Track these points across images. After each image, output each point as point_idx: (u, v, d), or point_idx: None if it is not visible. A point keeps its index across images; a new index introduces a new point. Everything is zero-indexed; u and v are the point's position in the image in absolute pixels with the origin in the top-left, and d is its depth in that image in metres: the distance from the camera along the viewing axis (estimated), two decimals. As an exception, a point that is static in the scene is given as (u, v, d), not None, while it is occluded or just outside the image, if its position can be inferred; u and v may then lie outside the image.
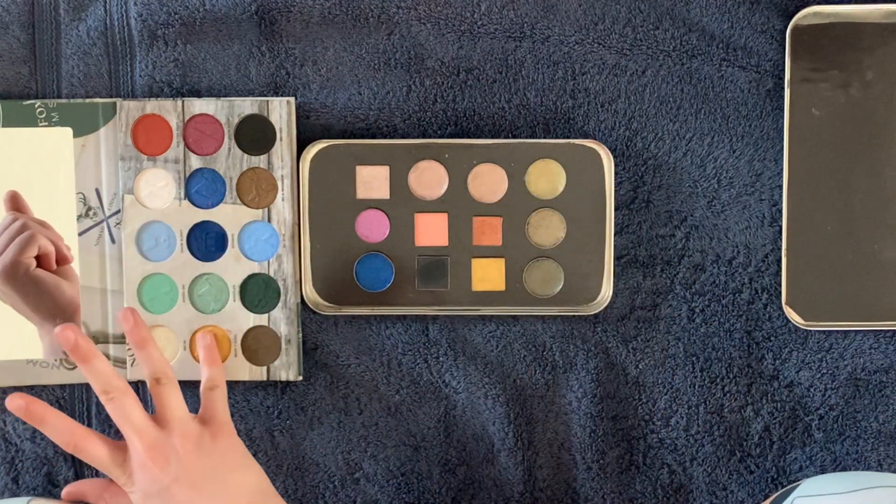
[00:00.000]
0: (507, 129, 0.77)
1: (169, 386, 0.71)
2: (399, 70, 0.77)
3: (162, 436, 0.69)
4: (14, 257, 0.77)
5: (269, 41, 0.77)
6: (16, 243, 0.77)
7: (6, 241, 0.77)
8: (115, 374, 0.70)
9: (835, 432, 0.78)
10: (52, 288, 0.77)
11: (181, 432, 0.70)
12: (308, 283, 0.78)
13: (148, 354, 0.72)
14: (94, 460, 0.69)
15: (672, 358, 0.78)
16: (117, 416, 0.69)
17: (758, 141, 0.77)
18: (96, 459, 0.69)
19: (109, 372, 0.70)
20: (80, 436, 0.69)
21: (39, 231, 0.77)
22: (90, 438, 0.69)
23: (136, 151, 0.77)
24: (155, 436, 0.69)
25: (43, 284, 0.77)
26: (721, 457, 0.79)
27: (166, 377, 0.71)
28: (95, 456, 0.69)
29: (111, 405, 0.69)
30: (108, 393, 0.69)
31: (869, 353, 0.78)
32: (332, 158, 0.77)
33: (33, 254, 0.77)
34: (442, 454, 0.79)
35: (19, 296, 0.77)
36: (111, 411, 0.69)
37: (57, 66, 0.78)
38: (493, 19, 0.77)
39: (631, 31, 0.76)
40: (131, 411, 0.69)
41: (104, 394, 0.69)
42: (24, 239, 0.77)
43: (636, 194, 0.77)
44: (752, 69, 0.76)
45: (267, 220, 0.78)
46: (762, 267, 0.77)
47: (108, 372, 0.70)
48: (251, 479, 0.70)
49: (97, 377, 0.69)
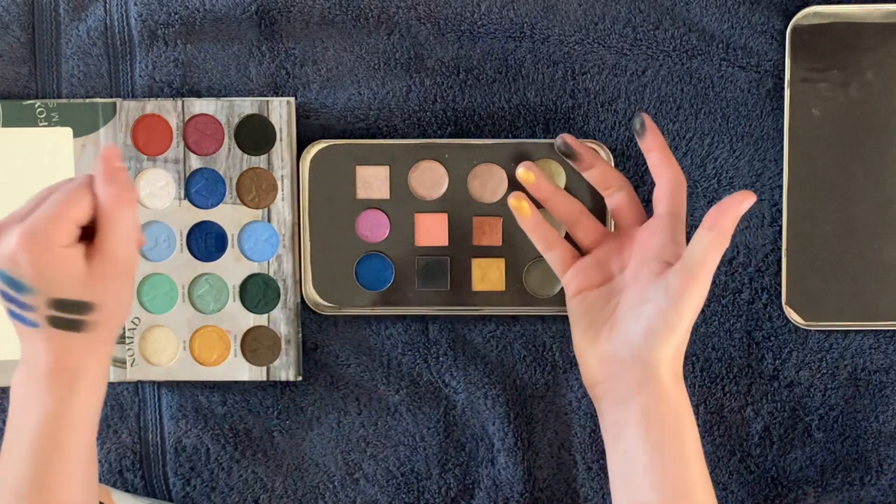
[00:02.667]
0: (507, 129, 0.77)
1: None
2: (399, 70, 0.77)
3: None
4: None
5: (269, 41, 0.77)
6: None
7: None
8: None
9: (835, 432, 0.78)
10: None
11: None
12: (308, 283, 0.78)
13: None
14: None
15: (672, 358, 0.78)
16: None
17: (758, 141, 0.77)
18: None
19: None
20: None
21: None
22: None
23: (136, 151, 0.77)
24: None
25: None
26: (721, 457, 0.79)
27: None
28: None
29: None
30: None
31: (869, 353, 0.78)
32: (332, 158, 0.77)
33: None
34: (442, 454, 0.79)
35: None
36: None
37: (57, 66, 0.78)
38: (493, 19, 0.77)
39: (631, 31, 0.76)
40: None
41: None
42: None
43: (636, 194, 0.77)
44: (752, 69, 0.76)
45: (267, 221, 0.78)
46: (762, 267, 0.77)
47: None
48: None
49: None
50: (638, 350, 0.66)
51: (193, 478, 0.80)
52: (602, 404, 0.68)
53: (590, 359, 0.69)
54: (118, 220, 0.64)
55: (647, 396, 0.65)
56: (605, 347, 0.68)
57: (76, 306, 0.64)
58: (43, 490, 0.63)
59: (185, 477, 0.80)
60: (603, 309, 0.69)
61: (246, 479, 0.80)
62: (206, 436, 0.80)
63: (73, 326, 0.64)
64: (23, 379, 0.65)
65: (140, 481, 0.80)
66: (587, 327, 0.70)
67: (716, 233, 0.64)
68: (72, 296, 0.63)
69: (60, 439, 0.64)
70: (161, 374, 0.78)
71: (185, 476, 0.80)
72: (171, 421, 0.80)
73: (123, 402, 0.80)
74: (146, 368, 0.78)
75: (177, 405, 0.80)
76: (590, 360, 0.69)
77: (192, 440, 0.80)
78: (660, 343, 0.65)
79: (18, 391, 0.65)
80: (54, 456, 0.63)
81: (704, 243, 0.64)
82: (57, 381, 0.64)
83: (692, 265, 0.65)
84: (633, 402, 0.65)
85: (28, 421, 0.64)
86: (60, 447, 0.64)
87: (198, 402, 0.80)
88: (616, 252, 0.71)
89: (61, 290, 0.63)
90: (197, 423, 0.80)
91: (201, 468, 0.80)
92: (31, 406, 0.64)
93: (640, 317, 0.66)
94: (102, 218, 0.64)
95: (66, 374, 0.64)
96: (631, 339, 0.66)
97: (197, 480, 0.80)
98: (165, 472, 0.80)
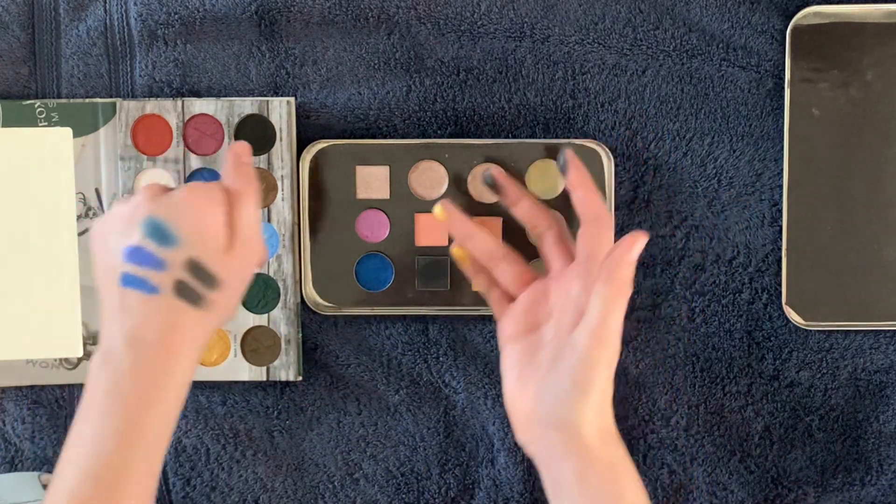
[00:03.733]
0: (507, 129, 0.77)
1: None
2: (399, 70, 0.77)
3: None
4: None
5: (269, 41, 0.77)
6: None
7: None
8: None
9: (835, 432, 0.78)
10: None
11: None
12: (308, 283, 0.78)
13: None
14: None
15: (672, 358, 0.78)
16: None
17: (758, 141, 0.77)
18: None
19: None
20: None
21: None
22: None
23: (136, 151, 0.77)
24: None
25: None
26: (721, 457, 0.79)
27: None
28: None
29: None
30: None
31: (869, 353, 0.78)
32: (332, 158, 0.77)
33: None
34: (441, 454, 0.79)
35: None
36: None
37: (57, 66, 0.78)
38: (493, 19, 0.77)
39: (631, 31, 0.76)
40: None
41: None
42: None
43: (636, 194, 0.77)
44: (752, 69, 0.76)
45: (267, 221, 0.78)
46: (762, 267, 0.77)
47: None
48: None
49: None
50: (555, 415, 0.62)
51: (193, 478, 0.80)
52: (537, 462, 0.65)
53: (517, 418, 0.66)
54: (244, 209, 0.66)
55: (575, 460, 0.62)
56: (528, 407, 0.64)
57: (208, 277, 0.63)
58: (118, 480, 0.60)
59: (185, 477, 0.80)
60: (531, 361, 0.65)
61: (246, 479, 0.80)
62: (206, 436, 0.80)
63: (195, 299, 0.63)
64: (99, 366, 0.62)
65: (140, 481, 0.80)
66: (515, 380, 0.66)
67: (614, 285, 0.61)
68: (208, 263, 0.63)
69: (146, 421, 0.61)
70: (161, 374, 0.78)
71: (185, 476, 0.80)
72: (171, 421, 0.80)
73: (123, 402, 0.80)
74: (146, 368, 0.78)
75: (177, 405, 0.80)
76: (517, 419, 0.66)
77: (192, 440, 0.80)
78: (575, 407, 0.62)
79: (102, 374, 0.62)
80: (138, 440, 0.61)
81: (603, 299, 0.62)
82: (159, 360, 0.62)
83: (594, 325, 0.62)
84: (564, 464, 0.62)
85: (116, 402, 0.61)
86: (143, 431, 0.61)
87: (198, 402, 0.80)
88: (543, 298, 0.68)
89: (203, 253, 0.63)
90: (197, 423, 0.80)
91: (201, 468, 0.80)
92: (121, 385, 0.61)
93: (555, 377, 0.63)
94: (232, 209, 0.66)
95: (169, 353, 0.62)
96: (548, 402, 0.63)
97: (197, 480, 0.80)
98: (165, 472, 0.80)
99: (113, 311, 0.63)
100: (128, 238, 0.63)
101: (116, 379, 0.61)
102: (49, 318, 0.78)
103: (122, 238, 0.64)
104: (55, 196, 0.77)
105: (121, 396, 0.61)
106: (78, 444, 0.61)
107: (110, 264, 0.64)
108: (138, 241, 0.63)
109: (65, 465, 0.61)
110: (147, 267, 0.62)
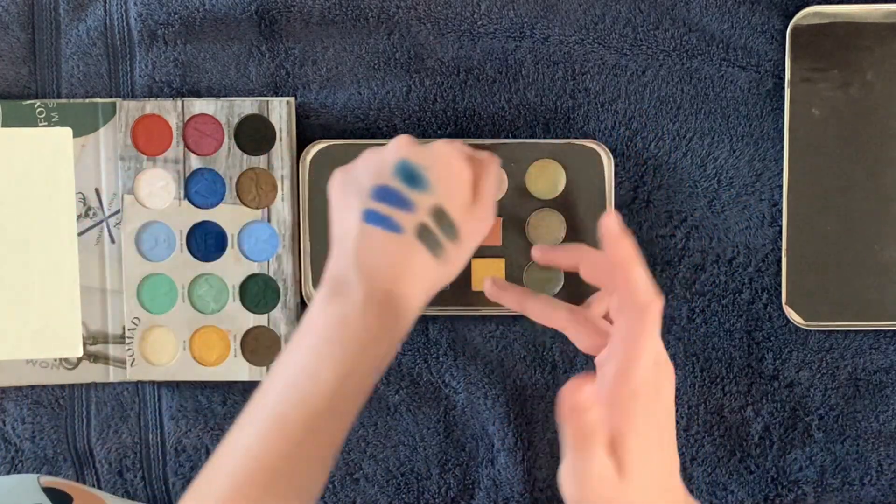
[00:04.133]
0: (507, 129, 0.77)
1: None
2: (399, 70, 0.77)
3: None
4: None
5: (269, 41, 0.77)
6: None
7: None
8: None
9: (835, 432, 0.78)
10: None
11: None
12: (308, 283, 0.78)
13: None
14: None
15: (672, 358, 0.78)
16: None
17: (758, 141, 0.77)
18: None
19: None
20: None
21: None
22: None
23: (136, 151, 0.77)
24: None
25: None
26: (721, 457, 0.79)
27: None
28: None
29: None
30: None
31: (869, 353, 0.78)
32: (332, 158, 0.77)
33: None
34: (441, 454, 0.79)
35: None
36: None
37: (57, 66, 0.78)
38: (493, 19, 0.77)
39: (631, 31, 0.76)
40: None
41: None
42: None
43: (636, 194, 0.77)
44: (752, 69, 0.76)
45: (267, 221, 0.78)
46: (762, 267, 0.77)
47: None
48: None
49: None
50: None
51: (193, 478, 0.80)
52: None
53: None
54: (488, 174, 0.67)
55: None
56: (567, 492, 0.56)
57: (450, 227, 0.64)
58: (333, 426, 0.58)
59: (185, 477, 0.80)
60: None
61: (246, 479, 0.80)
62: (206, 436, 0.80)
63: (435, 245, 0.63)
64: (328, 296, 0.61)
65: (140, 481, 0.80)
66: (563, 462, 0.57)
67: (635, 309, 0.57)
68: (453, 213, 0.64)
69: (363, 359, 0.60)
70: (161, 375, 0.78)
71: (185, 476, 0.80)
72: (171, 421, 0.80)
73: (123, 402, 0.80)
74: (146, 368, 0.78)
75: (177, 405, 0.80)
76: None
77: (192, 440, 0.80)
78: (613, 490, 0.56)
79: (330, 305, 0.60)
80: (352, 375, 0.59)
81: (623, 333, 0.57)
82: (391, 298, 0.61)
83: (617, 368, 0.57)
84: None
85: (340, 331, 0.59)
86: (360, 368, 0.59)
87: (198, 402, 0.80)
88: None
89: (450, 202, 0.64)
90: (197, 423, 0.80)
91: (201, 468, 0.80)
92: (350, 316, 0.60)
93: (582, 453, 0.55)
94: (477, 172, 0.67)
95: (401, 293, 0.62)
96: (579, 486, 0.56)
97: (197, 480, 0.80)
98: (165, 472, 0.80)
99: (348, 246, 0.63)
100: (378, 178, 0.64)
101: (346, 310, 0.60)
102: (49, 318, 0.78)
103: (371, 177, 0.64)
104: (55, 196, 0.77)
105: (347, 327, 0.60)
106: (288, 367, 0.60)
107: (352, 202, 0.64)
108: (388, 181, 0.63)
109: (270, 385, 0.60)
110: (394, 206, 0.63)
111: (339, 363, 0.59)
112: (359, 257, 0.62)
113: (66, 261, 0.78)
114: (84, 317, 0.78)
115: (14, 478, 0.73)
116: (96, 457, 0.80)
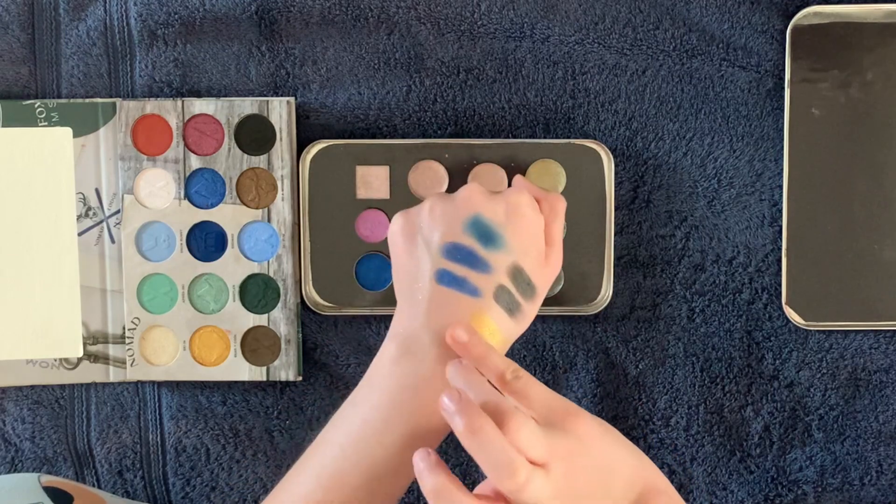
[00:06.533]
0: (507, 129, 0.77)
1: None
2: (399, 70, 0.77)
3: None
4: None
5: (269, 41, 0.77)
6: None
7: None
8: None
9: (835, 432, 0.78)
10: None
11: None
12: (308, 283, 0.78)
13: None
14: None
15: (672, 358, 0.78)
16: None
17: (758, 141, 0.77)
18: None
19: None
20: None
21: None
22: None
23: (136, 151, 0.77)
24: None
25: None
26: (721, 457, 0.79)
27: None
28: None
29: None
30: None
31: (869, 353, 0.78)
32: (332, 158, 0.77)
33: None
34: (441, 454, 0.79)
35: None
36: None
37: (57, 66, 0.78)
38: (493, 19, 0.77)
39: (631, 31, 0.76)
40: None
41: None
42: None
43: (636, 194, 0.77)
44: (752, 69, 0.76)
45: (267, 221, 0.78)
46: (762, 267, 0.77)
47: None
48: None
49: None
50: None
51: (193, 478, 0.80)
52: None
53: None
54: (558, 220, 0.66)
55: None
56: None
57: (528, 285, 0.62)
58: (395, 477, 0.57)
59: (185, 477, 0.80)
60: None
61: (246, 479, 0.80)
62: (206, 436, 0.80)
63: (513, 307, 0.61)
64: (398, 354, 0.59)
65: (140, 481, 0.80)
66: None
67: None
68: (529, 270, 0.62)
69: (426, 423, 0.58)
70: (161, 374, 0.78)
71: (185, 476, 0.80)
72: (171, 421, 0.80)
73: (123, 402, 0.80)
74: (146, 368, 0.78)
75: (177, 405, 0.80)
76: None
77: (192, 440, 0.80)
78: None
79: (398, 366, 0.59)
80: (413, 438, 0.57)
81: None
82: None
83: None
84: None
85: (409, 394, 0.58)
86: (420, 432, 0.58)
87: (198, 402, 0.80)
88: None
89: (525, 259, 0.62)
90: (197, 423, 0.80)
91: (201, 468, 0.80)
92: (419, 378, 0.58)
93: None
94: (549, 219, 0.66)
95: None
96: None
97: (197, 480, 0.80)
98: (165, 472, 0.80)
99: (420, 305, 0.61)
100: (449, 234, 0.62)
101: (418, 371, 0.59)
102: (49, 318, 0.78)
103: (441, 231, 0.62)
104: (55, 196, 0.77)
105: (416, 390, 0.58)
106: (354, 423, 0.58)
107: (421, 255, 0.62)
108: (461, 239, 0.61)
109: (333, 436, 0.59)
110: (469, 267, 0.61)
111: (406, 428, 0.58)
112: (431, 319, 0.60)
113: (66, 261, 0.78)
114: (84, 317, 0.78)
115: (14, 477, 0.73)
116: (96, 457, 0.80)
